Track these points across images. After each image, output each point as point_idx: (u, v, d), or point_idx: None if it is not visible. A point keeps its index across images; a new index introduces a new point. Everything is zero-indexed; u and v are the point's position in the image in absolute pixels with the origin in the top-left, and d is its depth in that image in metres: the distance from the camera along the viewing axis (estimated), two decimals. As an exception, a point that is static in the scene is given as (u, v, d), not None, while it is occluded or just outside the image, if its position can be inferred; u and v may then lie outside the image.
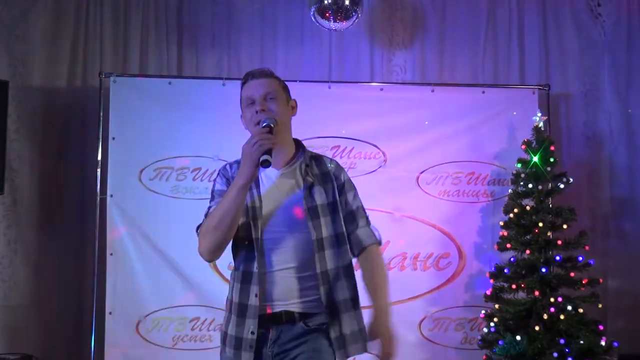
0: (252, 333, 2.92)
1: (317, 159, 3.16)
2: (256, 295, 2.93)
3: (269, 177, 3.06)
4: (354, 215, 3.08)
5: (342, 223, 3.05)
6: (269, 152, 2.73)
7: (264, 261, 2.97)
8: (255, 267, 2.95)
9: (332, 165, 3.16)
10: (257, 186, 3.03)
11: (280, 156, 3.04)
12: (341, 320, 2.95)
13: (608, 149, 6.10)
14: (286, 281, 3.00)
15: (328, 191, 3.07)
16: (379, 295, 2.97)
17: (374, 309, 2.93)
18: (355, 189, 3.13)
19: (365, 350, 2.94)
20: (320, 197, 3.03)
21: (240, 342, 2.97)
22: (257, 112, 2.92)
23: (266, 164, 2.73)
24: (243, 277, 2.99)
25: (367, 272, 3.02)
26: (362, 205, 3.13)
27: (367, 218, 3.12)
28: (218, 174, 3.14)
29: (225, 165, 3.14)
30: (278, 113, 2.95)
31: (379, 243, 3.09)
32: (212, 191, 3.11)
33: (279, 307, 3.02)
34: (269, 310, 3.00)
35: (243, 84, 3.04)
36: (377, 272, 3.04)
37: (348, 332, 2.94)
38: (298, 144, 3.16)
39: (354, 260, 3.05)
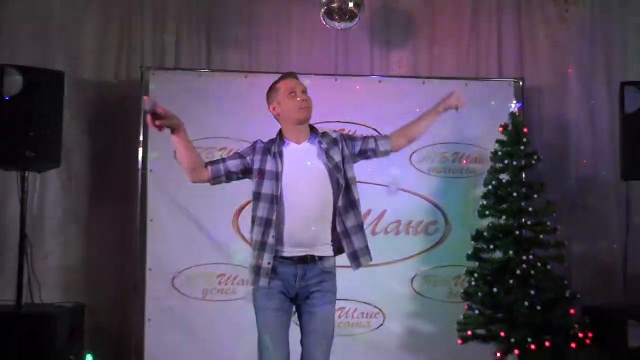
0: (269, 264, 3.20)
1: (325, 134, 3.45)
2: (273, 237, 3.20)
3: (294, 149, 3.33)
4: (365, 138, 3.51)
5: (352, 167, 3.41)
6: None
7: (283, 210, 3.23)
8: (274, 216, 3.21)
9: (337, 135, 3.47)
10: (281, 157, 3.30)
11: (303, 134, 3.38)
12: (353, 241, 3.29)
13: (574, 134, 6.08)
14: (307, 228, 3.25)
15: (339, 151, 3.38)
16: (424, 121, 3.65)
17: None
18: (352, 137, 3.55)
19: (371, 259, 3.36)
20: (336, 157, 3.34)
21: (259, 269, 3.25)
22: (303, 101, 3.33)
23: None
24: (266, 223, 3.23)
25: (403, 129, 3.58)
26: (363, 137, 3.53)
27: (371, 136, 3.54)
28: (252, 144, 3.41)
29: (259, 140, 3.42)
30: (311, 106, 3.37)
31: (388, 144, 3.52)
32: (237, 152, 3.48)
33: (306, 250, 3.25)
34: (299, 254, 3.25)
35: (280, 81, 3.39)
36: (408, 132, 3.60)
37: (358, 248, 3.29)
38: (312, 127, 3.44)
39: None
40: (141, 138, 5.53)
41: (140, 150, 5.53)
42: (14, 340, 4.45)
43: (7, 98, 4.72)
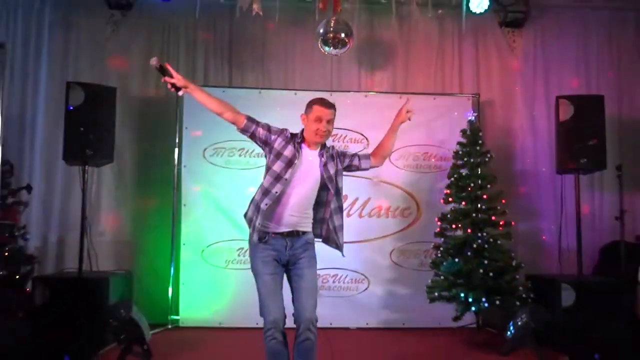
0: (259, 224, 3.20)
1: (327, 148, 3.36)
2: (266, 204, 3.16)
3: (308, 153, 3.29)
4: (354, 153, 3.47)
5: (342, 179, 3.36)
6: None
7: (284, 190, 3.19)
8: (275, 190, 3.17)
9: (333, 150, 3.38)
10: (300, 153, 3.26)
11: (315, 146, 3.29)
12: (339, 237, 3.32)
13: (519, 137, 6.07)
14: (297, 211, 3.23)
15: (334, 164, 3.33)
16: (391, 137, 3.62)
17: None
18: (343, 152, 3.44)
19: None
20: (331, 170, 3.30)
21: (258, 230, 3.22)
22: (323, 129, 3.23)
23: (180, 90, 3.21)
24: (265, 192, 3.20)
25: (377, 150, 3.55)
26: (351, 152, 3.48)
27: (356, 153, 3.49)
28: (281, 128, 3.32)
29: (286, 128, 3.33)
30: (330, 133, 3.29)
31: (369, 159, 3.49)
32: (269, 125, 3.32)
33: (291, 227, 3.22)
34: (287, 229, 3.22)
35: (317, 104, 3.27)
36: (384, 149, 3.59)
37: (341, 243, 3.31)
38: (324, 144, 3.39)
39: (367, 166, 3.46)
40: (177, 140, 5.57)
41: (176, 150, 5.57)
42: (77, 299, 4.50)
43: (71, 108, 4.76)
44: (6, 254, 4.74)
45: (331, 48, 5.19)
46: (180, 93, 3.26)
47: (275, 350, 3.22)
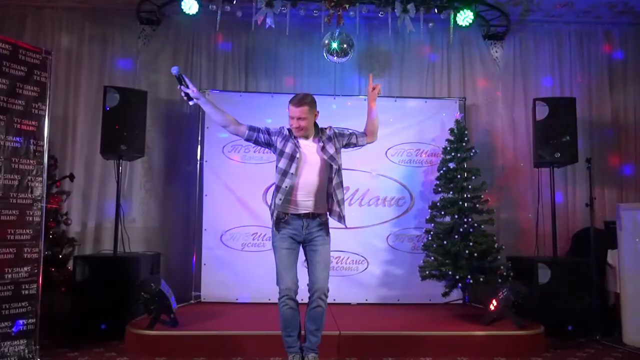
0: (277, 217, 3.29)
1: (323, 131, 3.41)
2: (280, 199, 3.26)
3: (305, 143, 3.34)
4: (351, 132, 3.48)
5: (340, 157, 3.38)
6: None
7: (292, 183, 3.25)
8: (285, 185, 3.24)
9: (330, 131, 3.42)
10: (299, 147, 3.30)
11: (310, 135, 3.35)
12: (342, 208, 3.36)
13: (500, 136, 6.07)
14: (310, 196, 3.30)
15: (333, 144, 3.36)
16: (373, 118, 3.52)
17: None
18: (341, 132, 3.47)
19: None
20: (330, 150, 3.33)
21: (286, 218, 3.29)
22: (295, 124, 3.28)
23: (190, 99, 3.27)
24: (277, 189, 3.30)
25: (367, 128, 3.52)
26: (349, 130, 3.51)
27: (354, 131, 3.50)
28: (278, 128, 3.40)
29: (283, 127, 3.40)
30: (305, 127, 3.28)
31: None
32: (268, 128, 3.39)
33: (308, 210, 3.28)
34: (304, 212, 3.29)
35: (289, 103, 3.31)
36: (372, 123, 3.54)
37: (344, 214, 3.37)
38: (316, 126, 3.40)
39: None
40: (199, 139, 5.60)
41: (199, 147, 5.60)
42: (113, 276, 4.55)
43: (108, 108, 4.80)
44: (51, 236, 4.81)
45: (335, 57, 5.24)
46: (191, 103, 3.31)
47: (287, 315, 3.29)
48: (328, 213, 3.39)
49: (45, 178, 3.76)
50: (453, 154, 5.13)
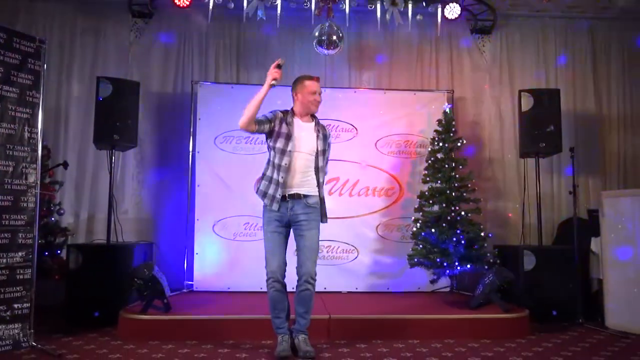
0: (279, 195, 3.34)
1: (323, 126, 3.55)
2: (282, 178, 3.33)
3: (300, 124, 3.45)
4: (326, 162, 3.55)
5: (324, 161, 3.49)
6: (276, 79, 3.29)
7: (290, 160, 3.33)
8: (284, 162, 3.32)
9: (328, 132, 3.57)
10: (293, 126, 3.40)
11: (306, 118, 3.49)
12: (319, 177, 3.42)
13: (487, 127, 6.15)
14: (299, 176, 3.37)
15: (324, 145, 3.50)
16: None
17: None
18: (330, 148, 3.58)
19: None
20: (321, 146, 3.45)
21: (273, 198, 3.33)
22: (318, 100, 3.47)
23: (274, 84, 3.30)
24: (277, 167, 3.34)
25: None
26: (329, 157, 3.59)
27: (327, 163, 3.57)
28: (272, 111, 3.49)
29: (275, 110, 3.51)
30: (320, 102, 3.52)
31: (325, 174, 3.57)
32: (267, 116, 3.46)
33: (295, 190, 3.32)
34: (290, 192, 3.31)
35: (307, 79, 3.50)
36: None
37: (320, 181, 3.43)
38: (314, 114, 3.54)
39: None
40: (191, 130, 5.64)
41: (191, 138, 5.63)
42: (106, 265, 4.59)
43: (101, 99, 4.83)
44: (43, 225, 4.84)
45: (325, 49, 5.28)
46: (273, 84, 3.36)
47: (275, 297, 3.38)
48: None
49: (40, 165, 3.81)
50: (441, 144, 5.20)
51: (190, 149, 5.62)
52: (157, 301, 4.15)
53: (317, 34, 5.24)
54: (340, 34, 5.28)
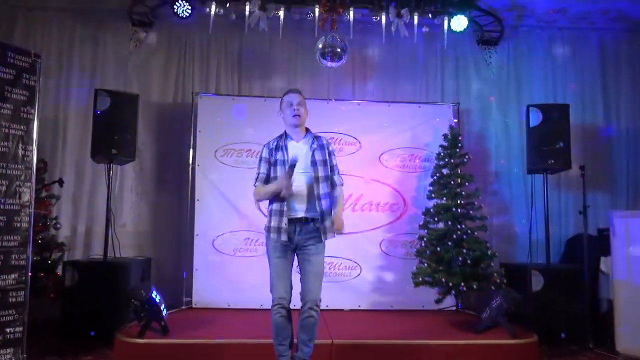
0: (286, 225, 3.22)
1: (318, 137, 3.42)
2: (287, 207, 3.23)
3: (294, 145, 3.34)
4: (333, 169, 3.37)
5: (329, 170, 3.33)
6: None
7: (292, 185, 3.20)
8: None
9: (325, 142, 3.42)
10: (287, 150, 3.28)
11: (300, 135, 3.36)
12: (325, 219, 3.27)
13: (494, 142, 6.05)
14: (304, 199, 3.26)
15: (323, 154, 3.35)
16: (338, 207, 3.34)
17: (336, 212, 3.34)
18: (334, 155, 3.43)
19: (333, 236, 3.30)
20: (319, 156, 3.32)
21: (280, 229, 3.23)
22: (295, 110, 3.30)
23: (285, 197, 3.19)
24: (281, 198, 3.23)
25: (335, 197, 3.35)
26: (337, 164, 3.44)
27: (338, 171, 3.44)
28: (264, 147, 3.41)
29: (269, 142, 3.41)
30: (302, 115, 3.33)
31: (342, 184, 3.42)
32: (260, 158, 3.41)
33: (301, 214, 3.21)
34: (297, 216, 3.24)
35: (285, 95, 3.38)
36: (340, 198, 3.40)
37: (327, 225, 3.27)
38: (307, 129, 3.42)
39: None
40: (191, 143, 5.52)
41: (191, 151, 5.52)
42: (103, 282, 4.49)
43: (99, 112, 4.73)
44: (40, 241, 4.73)
45: (329, 61, 5.18)
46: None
47: (280, 324, 3.26)
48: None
49: (34, 183, 3.69)
50: (447, 160, 5.12)
51: (190, 162, 5.50)
52: (155, 324, 4.02)
53: (320, 46, 5.13)
54: (345, 46, 5.16)
